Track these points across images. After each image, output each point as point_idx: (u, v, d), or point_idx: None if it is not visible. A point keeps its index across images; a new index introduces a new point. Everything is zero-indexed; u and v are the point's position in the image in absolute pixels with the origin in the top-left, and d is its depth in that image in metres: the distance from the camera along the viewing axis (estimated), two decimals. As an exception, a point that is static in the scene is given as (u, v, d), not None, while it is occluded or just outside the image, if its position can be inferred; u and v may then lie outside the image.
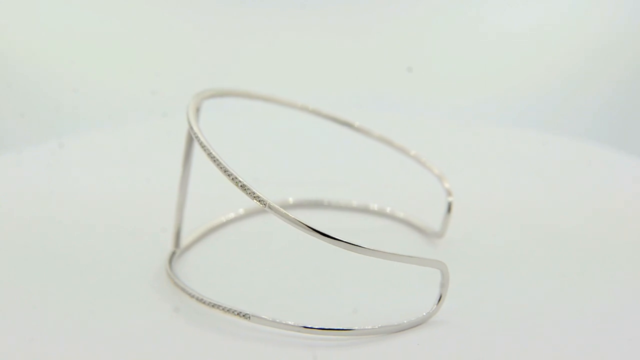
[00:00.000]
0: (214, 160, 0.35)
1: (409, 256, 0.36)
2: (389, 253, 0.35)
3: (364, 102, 0.92)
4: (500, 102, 0.93)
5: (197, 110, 0.41)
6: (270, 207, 0.34)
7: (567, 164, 0.67)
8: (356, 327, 0.37)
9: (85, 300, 0.40)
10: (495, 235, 0.51)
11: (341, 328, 0.36)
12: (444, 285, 0.38)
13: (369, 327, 0.37)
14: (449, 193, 0.49)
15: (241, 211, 0.52)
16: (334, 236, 0.34)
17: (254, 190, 0.34)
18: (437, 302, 0.38)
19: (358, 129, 0.52)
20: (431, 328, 0.38)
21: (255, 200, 0.34)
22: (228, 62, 0.94)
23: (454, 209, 0.49)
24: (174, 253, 0.44)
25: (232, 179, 0.35)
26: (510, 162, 0.68)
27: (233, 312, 0.37)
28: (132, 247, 0.47)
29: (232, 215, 0.52)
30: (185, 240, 0.47)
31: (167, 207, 0.45)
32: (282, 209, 0.34)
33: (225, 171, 0.35)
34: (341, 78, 0.94)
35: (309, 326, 0.36)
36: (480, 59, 0.97)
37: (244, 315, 0.37)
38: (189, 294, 0.39)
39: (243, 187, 0.34)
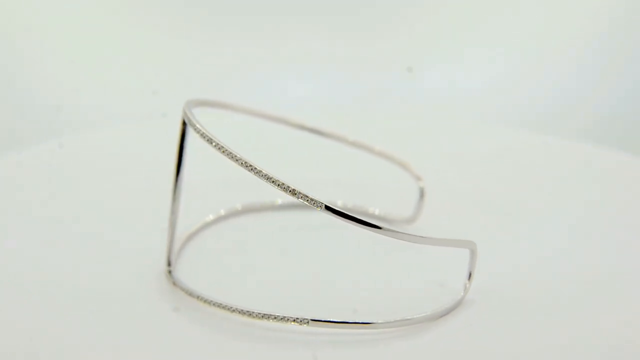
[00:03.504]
0: (251, 169, 0.36)
1: (441, 238, 0.38)
2: (425, 237, 0.37)
3: (363, 101, 0.92)
4: (500, 101, 0.93)
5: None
6: (326, 209, 0.34)
7: (567, 164, 0.67)
8: (416, 316, 0.38)
9: (85, 300, 0.40)
10: (484, 230, 0.51)
11: (396, 320, 0.37)
12: (473, 263, 0.40)
13: (421, 315, 0.38)
14: (418, 178, 0.50)
15: (222, 212, 0.52)
16: (392, 229, 0.36)
17: (306, 194, 0.35)
18: (467, 280, 0.40)
19: (312, 130, 0.52)
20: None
21: (308, 203, 0.35)
22: (228, 61, 0.94)
23: (429, 198, 0.49)
24: (169, 272, 0.43)
25: (278, 185, 0.35)
26: (509, 162, 0.68)
27: (288, 319, 0.36)
28: (132, 246, 0.47)
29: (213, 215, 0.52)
30: (177, 242, 0.46)
31: (167, 207, 0.45)
32: (340, 210, 0.34)
33: (268, 178, 0.35)
34: (340, 77, 0.94)
35: (369, 322, 0.37)
36: (480, 58, 0.97)
37: (301, 321, 0.36)
38: (229, 309, 0.38)
39: (293, 192, 0.35)
